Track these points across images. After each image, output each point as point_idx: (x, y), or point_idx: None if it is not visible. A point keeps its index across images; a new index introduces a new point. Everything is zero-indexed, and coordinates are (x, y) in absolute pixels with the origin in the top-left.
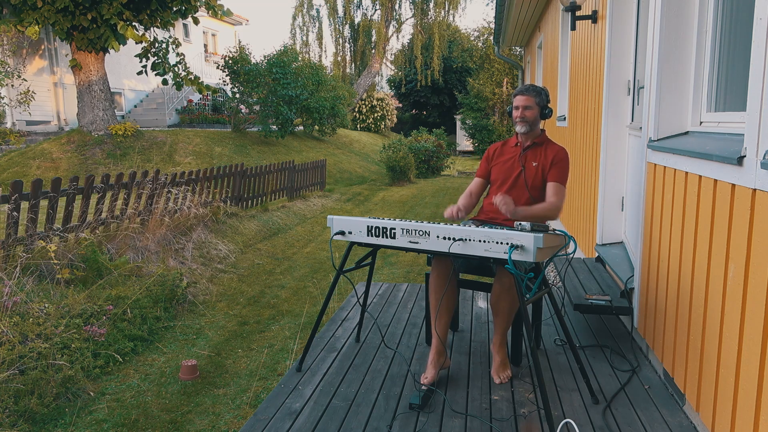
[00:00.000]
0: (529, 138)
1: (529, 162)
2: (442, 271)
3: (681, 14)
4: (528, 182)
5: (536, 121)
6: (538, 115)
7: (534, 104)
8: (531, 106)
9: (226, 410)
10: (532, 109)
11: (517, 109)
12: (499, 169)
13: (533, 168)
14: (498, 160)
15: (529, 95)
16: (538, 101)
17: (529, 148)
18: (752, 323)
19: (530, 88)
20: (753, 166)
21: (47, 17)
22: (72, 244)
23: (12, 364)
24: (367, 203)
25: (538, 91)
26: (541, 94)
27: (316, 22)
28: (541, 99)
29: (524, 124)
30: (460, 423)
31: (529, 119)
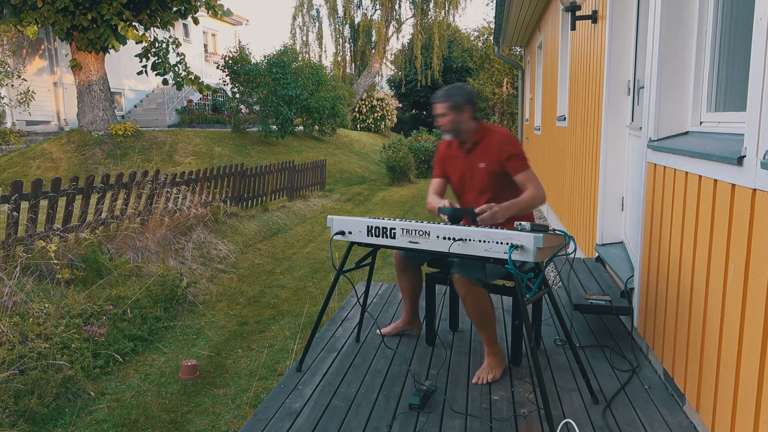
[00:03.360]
0: (466, 139)
1: (475, 165)
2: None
3: (681, 14)
4: (478, 185)
5: (459, 124)
6: (459, 117)
7: (448, 110)
8: (445, 113)
9: (226, 410)
10: (448, 116)
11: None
12: (453, 174)
13: (481, 170)
14: (450, 164)
15: (440, 101)
16: (451, 105)
17: (472, 149)
18: (752, 323)
19: (441, 95)
20: (753, 166)
21: (47, 17)
22: (72, 244)
23: (12, 364)
24: (367, 203)
25: (450, 95)
26: (454, 97)
27: (316, 22)
28: (456, 101)
29: (448, 132)
30: (460, 423)
31: (449, 127)
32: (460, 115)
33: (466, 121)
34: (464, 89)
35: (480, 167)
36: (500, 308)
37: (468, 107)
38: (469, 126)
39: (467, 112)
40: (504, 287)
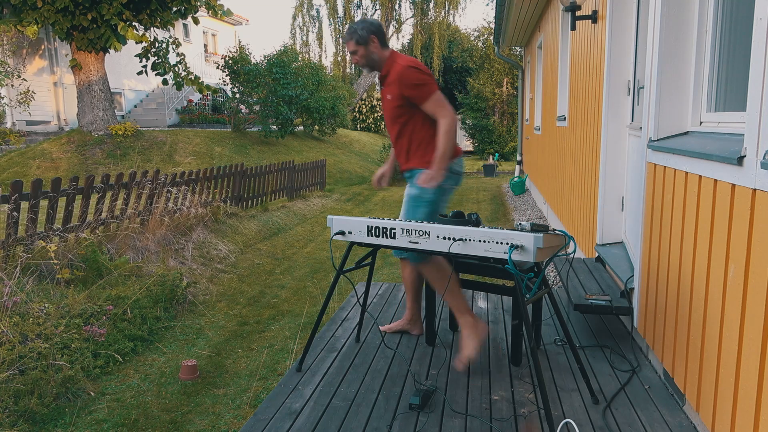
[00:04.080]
0: (379, 71)
1: (385, 96)
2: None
3: (681, 14)
4: (389, 116)
5: (371, 56)
6: (368, 50)
7: (356, 46)
8: (355, 50)
9: (226, 410)
10: (358, 52)
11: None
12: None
13: (389, 102)
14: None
15: (347, 40)
16: (358, 39)
17: (383, 80)
18: (752, 323)
19: (347, 34)
20: (753, 166)
21: (47, 17)
22: (72, 244)
23: (12, 364)
24: (367, 203)
25: (354, 31)
26: (358, 32)
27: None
28: (361, 35)
29: (364, 67)
30: (460, 423)
31: (363, 62)
32: (369, 47)
33: (377, 52)
34: (367, 22)
35: (387, 98)
36: (500, 308)
37: (373, 37)
38: (382, 55)
39: (374, 42)
40: (504, 287)
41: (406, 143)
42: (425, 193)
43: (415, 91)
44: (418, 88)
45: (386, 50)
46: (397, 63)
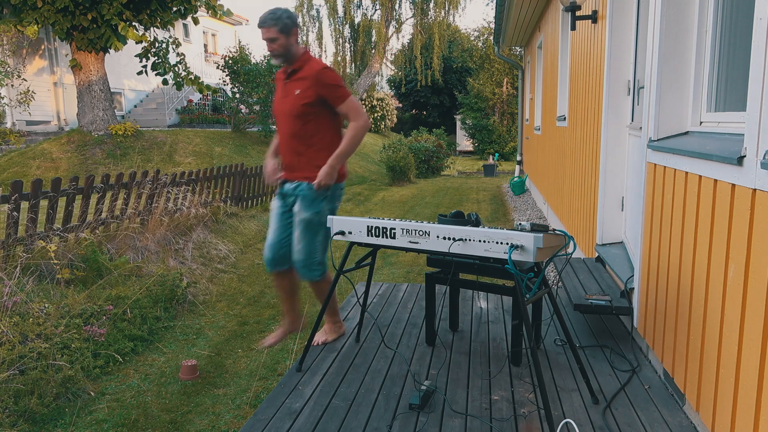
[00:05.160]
0: (290, 65)
1: (291, 90)
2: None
3: (681, 14)
4: (288, 111)
5: (290, 48)
6: (289, 41)
7: (278, 33)
8: (276, 38)
9: (226, 410)
10: (279, 40)
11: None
12: (275, 100)
13: (295, 97)
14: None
15: (269, 26)
16: (282, 28)
17: (293, 74)
18: (752, 323)
19: (268, 18)
20: (753, 166)
21: (47, 17)
22: (72, 244)
23: (12, 364)
24: (367, 203)
25: (278, 17)
26: (282, 19)
27: (316, 22)
28: (286, 23)
29: (277, 57)
30: (460, 423)
31: (281, 51)
32: (290, 39)
33: (295, 45)
34: (289, 12)
35: (295, 94)
36: (500, 308)
37: (295, 30)
38: (297, 51)
39: (295, 35)
40: (504, 287)
41: (301, 146)
42: (320, 214)
43: (334, 92)
44: (336, 88)
45: (301, 46)
46: (313, 61)
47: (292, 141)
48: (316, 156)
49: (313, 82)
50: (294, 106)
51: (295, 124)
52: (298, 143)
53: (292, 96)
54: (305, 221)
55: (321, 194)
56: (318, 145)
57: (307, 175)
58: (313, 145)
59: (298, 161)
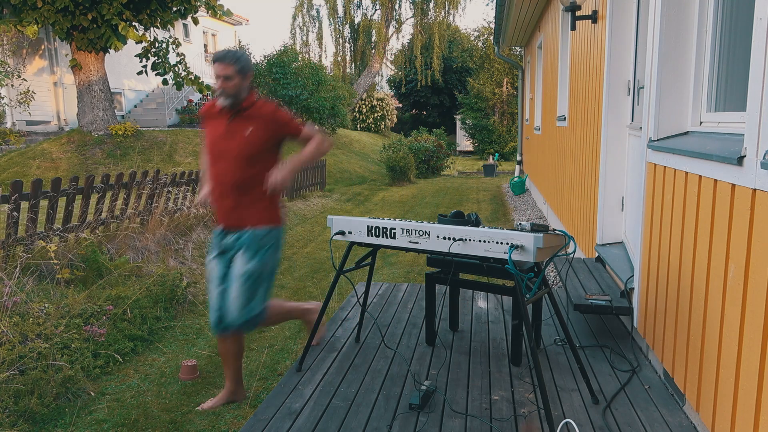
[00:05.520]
0: (236, 105)
1: (239, 130)
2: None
3: (681, 14)
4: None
5: (242, 90)
6: (243, 84)
7: (236, 73)
8: (232, 76)
9: (226, 410)
10: (233, 80)
11: (218, 78)
12: (209, 137)
13: (245, 137)
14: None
15: (229, 63)
16: (240, 69)
17: (238, 114)
18: (752, 323)
19: (229, 55)
20: (753, 166)
21: (47, 17)
22: (72, 244)
23: (12, 364)
24: (367, 203)
25: (239, 58)
26: (240, 60)
27: (316, 22)
28: (245, 65)
29: (227, 97)
30: (460, 423)
31: (232, 91)
32: (244, 82)
33: (246, 89)
34: (248, 57)
35: (245, 134)
36: (500, 308)
37: (250, 75)
38: (245, 94)
39: (248, 80)
40: (504, 287)
41: (245, 190)
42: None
43: (291, 126)
44: (290, 122)
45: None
46: (261, 101)
47: (234, 184)
48: (261, 200)
49: (268, 122)
50: (243, 147)
51: (242, 166)
52: (243, 187)
53: (240, 136)
54: (248, 273)
55: (268, 242)
56: (263, 189)
57: (254, 223)
58: (259, 189)
59: (242, 207)
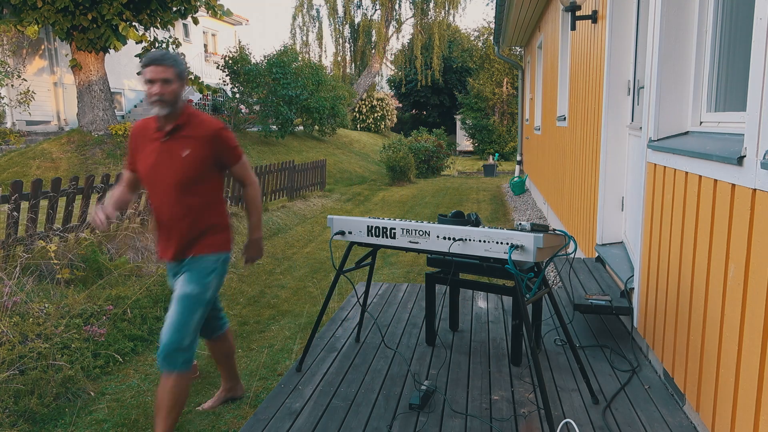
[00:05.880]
0: (171, 120)
1: (176, 152)
2: None
3: (681, 14)
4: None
5: (178, 98)
6: (181, 90)
7: (174, 77)
8: (171, 80)
9: (226, 410)
10: (173, 84)
11: (153, 83)
12: (143, 161)
13: (183, 159)
14: (142, 149)
15: (168, 65)
16: (178, 72)
17: (174, 132)
18: (752, 323)
19: (167, 56)
20: (753, 166)
21: (47, 17)
22: (72, 244)
23: (12, 364)
24: (367, 203)
25: (176, 59)
26: (179, 62)
27: (316, 22)
28: (183, 69)
29: (164, 105)
30: (460, 423)
31: (170, 98)
32: (182, 87)
33: (182, 99)
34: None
35: (183, 155)
36: (500, 308)
37: (186, 81)
38: (181, 104)
39: (184, 87)
40: (504, 287)
41: (191, 217)
42: (206, 290)
43: (233, 153)
44: (235, 149)
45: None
46: (202, 118)
47: (179, 213)
48: (207, 226)
49: (210, 142)
50: (183, 171)
51: (184, 192)
52: (188, 214)
53: (177, 159)
54: (186, 295)
55: (212, 267)
56: (209, 214)
57: (203, 251)
58: (204, 215)
59: (189, 236)
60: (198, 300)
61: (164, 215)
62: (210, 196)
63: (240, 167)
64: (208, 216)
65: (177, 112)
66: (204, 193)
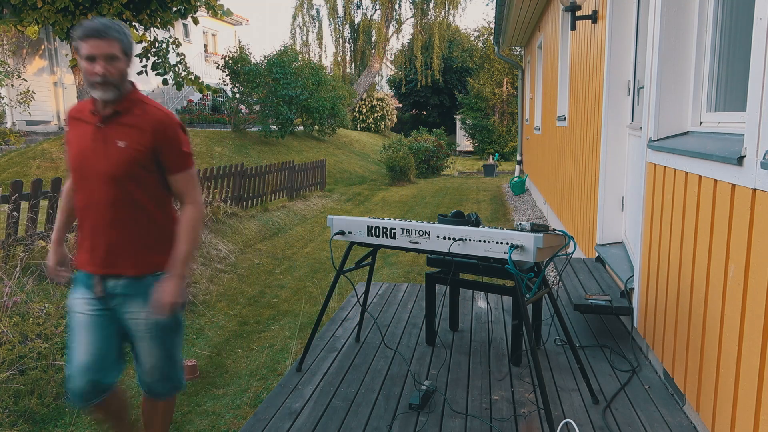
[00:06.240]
0: (111, 104)
1: (112, 141)
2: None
3: (681, 14)
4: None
5: (124, 77)
6: (127, 68)
7: (121, 53)
8: (117, 56)
9: (226, 410)
10: (118, 62)
11: (92, 61)
12: (73, 146)
13: (118, 151)
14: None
15: (114, 38)
16: (126, 47)
17: (113, 118)
18: (752, 323)
19: (113, 27)
20: (753, 166)
21: (47, 17)
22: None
23: (12, 364)
24: (367, 203)
25: (123, 32)
26: (127, 35)
27: (316, 22)
28: (129, 43)
29: (109, 88)
30: (460, 423)
31: (115, 78)
32: (128, 66)
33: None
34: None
35: (119, 146)
36: (500, 308)
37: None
38: (127, 86)
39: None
40: (504, 287)
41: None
42: (177, 311)
43: (179, 153)
44: (182, 153)
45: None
46: (150, 105)
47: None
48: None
49: (153, 132)
50: (119, 163)
51: (120, 188)
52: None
53: (113, 148)
54: (161, 325)
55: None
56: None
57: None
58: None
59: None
60: (175, 324)
61: (90, 215)
62: (153, 201)
63: (184, 178)
64: (148, 226)
65: (119, 95)
66: (144, 197)
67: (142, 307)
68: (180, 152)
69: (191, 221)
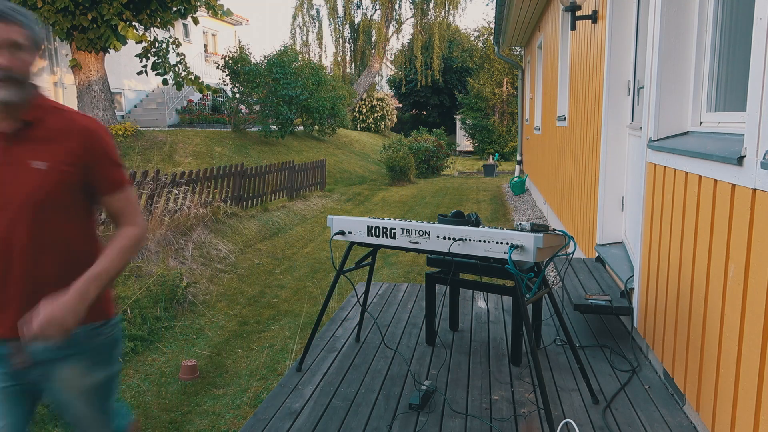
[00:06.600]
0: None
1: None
2: None
3: (681, 14)
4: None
5: (28, 75)
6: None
7: (28, 42)
8: (21, 45)
9: (226, 410)
10: (23, 52)
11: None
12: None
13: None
14: None
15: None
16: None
17: (22, 134)
18: (752, 323)
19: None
20: (753, 166)
21: (47, 17)
22: None
23: None
24: (367, 203)
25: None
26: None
27: (316, 22)
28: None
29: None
30: (460, 423)
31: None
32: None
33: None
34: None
35: (34, 167)
36: (500, 308)
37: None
38: (31, 90)
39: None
40: (504, 287)
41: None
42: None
43: (110, 169)
44: (113, 166)
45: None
46: (70, 111)
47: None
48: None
49: (81, 144)
50: (39, 191)
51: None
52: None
53: (28, 171)
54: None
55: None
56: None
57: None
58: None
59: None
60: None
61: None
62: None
63: (121, 199)
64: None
65: (22, 99)
66: (72, 232)
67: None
68: (114, 167)
69: (127, 239)
